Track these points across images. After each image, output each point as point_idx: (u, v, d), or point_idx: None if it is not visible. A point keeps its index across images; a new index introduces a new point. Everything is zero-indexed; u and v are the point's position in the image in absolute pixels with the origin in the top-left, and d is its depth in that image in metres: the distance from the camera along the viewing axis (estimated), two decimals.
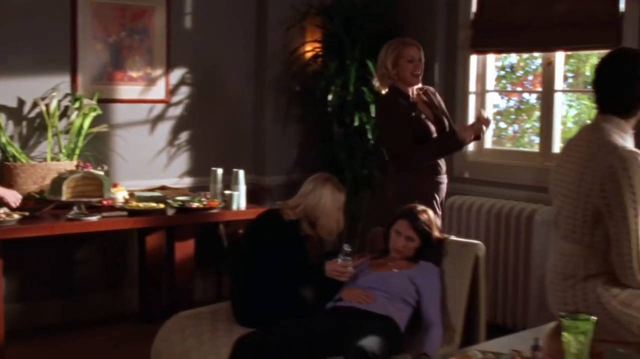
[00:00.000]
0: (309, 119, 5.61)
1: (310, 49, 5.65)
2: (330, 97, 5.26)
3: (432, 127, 4.19)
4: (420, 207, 3.69)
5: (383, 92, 4.31)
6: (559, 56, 4.91)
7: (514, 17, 5.03)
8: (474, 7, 5.27)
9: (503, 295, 4.77)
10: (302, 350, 3.21)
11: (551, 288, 2.88)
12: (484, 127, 4.14)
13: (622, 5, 4.48)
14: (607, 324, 2.69)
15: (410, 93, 4.22)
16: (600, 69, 2.82)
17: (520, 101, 5.82)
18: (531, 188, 4.84)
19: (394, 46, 4.19)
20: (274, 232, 3.59)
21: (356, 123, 5.26)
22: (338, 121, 5.38)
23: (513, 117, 6.06)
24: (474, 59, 5.31)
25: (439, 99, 4.41)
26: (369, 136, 5.27)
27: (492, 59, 5.36)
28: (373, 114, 5.20)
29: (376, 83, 4.33)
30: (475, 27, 5.24)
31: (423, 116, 4.18)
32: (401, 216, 3.63)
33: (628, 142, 2.76)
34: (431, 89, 4.43)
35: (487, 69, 5.35)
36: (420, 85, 4.28)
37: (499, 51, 5.25)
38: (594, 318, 2.19)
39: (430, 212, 3.69)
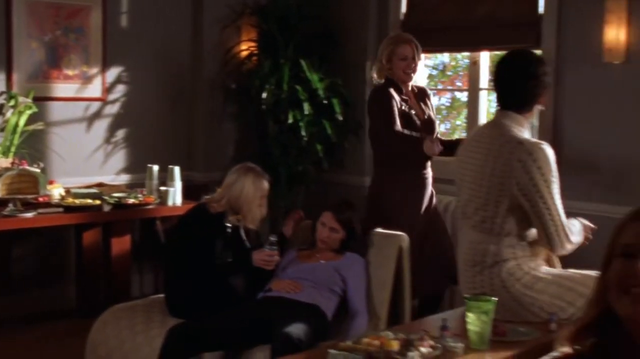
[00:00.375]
0: (244, 117, 5.73)
1: (245, 47, 5.77)
2: (264, 95, 5.38)
3: (419, 124, 4.23)
4: (346, 200, 3.84)
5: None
6: (484, 55, 5.12)
7: (441, 18, 5.23)
8: (403, 8, 5.44)
9: None
10: (231, 339, 3.35)
11: (462, 275, 3.07)
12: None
13: (540, 7, 4.71)
14: (511, 306, 2.89)
15: (404, 88, 4.27)
16: (498, 69, 3.06)
17: (452, 99, 6.04)
18: (448, 181, 5.03)
19: (389, 42, 4.28)
20: (201, 226, 3.70)
21: (290, 121, 5.39)
22: (273, 118, 5.50)
23: (445, 114, 6.29)
24: None
25: (432, 102, 4.49)
26: (303, 133, 5.40)
27: (422, 58, 5.54)
28: (307, 112, 5.35)
29: (373, 74, 4.40)
30: (404, 28, 5.41)
31: (413, 112, 4.24)
32: (326, 208, 3.78)
33: (526, 135, 2.99)
34: (428, 90, 4.49)
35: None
36: (416, 83, 4.39)
37: (427, 51, 5.40)
38: (494, 298, 2.37)
39: (355, 205, 3.85)
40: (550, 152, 2.96)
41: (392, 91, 4.21)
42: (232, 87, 5.74)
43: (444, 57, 5.88)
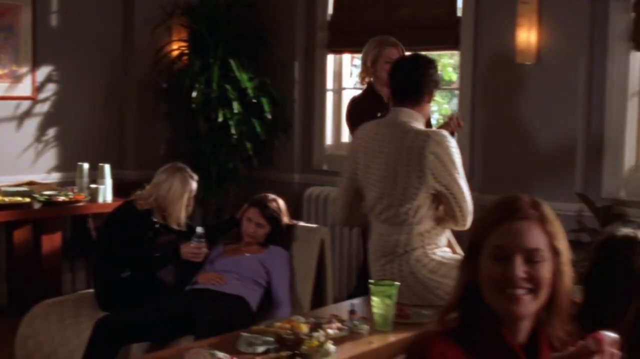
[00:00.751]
0: (175, 115, 5.82)
1: (176, 47, 5.85)
2: (194, 94, 5.48)
3: None
4: (271, 196, 3.99)
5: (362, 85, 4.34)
6: None
7: (366, 19, 5.40)
8: (330, 10, 5.61)
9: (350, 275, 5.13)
10: (158, 330, 3.46)
11: (372, 265, 3.26)
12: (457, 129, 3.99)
13: (459, 11, 4.92)
14: (419, 290, 3.08)
15: (386, 93, 4.02)
16: (395, 70, 3.34)
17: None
18: None
19: (375, 44, 4.21)
20: (129, 222, 3.81)
21: (220, 119, 5.50)
22: (203, 117, 5.61)
23: None
24: (330, 58, 5.66)
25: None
26: (233, 131, 5.52)
27: (347, 58, 5.73)
28: (236, 111, 5.47)
29: (357, 77, 4.35)
30: (331, 29, 5.59)
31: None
32: (252, 204, 3.92)
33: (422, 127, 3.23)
34: None
35: (342, 67, 5.70)
36: None
37: (353, 51, 5.62)
38: (397, 283, 2.55)
39: (280, 201, 3.99)
40: (453, 140, 3.23)
41: (366, 101, 4.15)
42: (163, 86, 5.82)
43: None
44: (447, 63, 5.74)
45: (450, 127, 3.90)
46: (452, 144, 3.19)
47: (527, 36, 4.50)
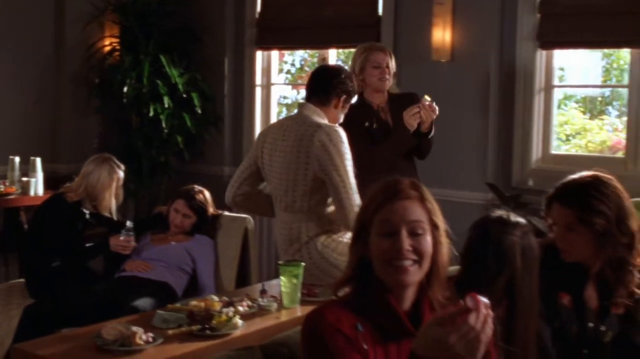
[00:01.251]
0: (107, 110, 5.93)
1: (108, 43, 5.96)
2: (125, 89, 5.60)
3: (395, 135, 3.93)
4: (197, 188, 4.17)
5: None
6: (332, 53, 5.54)
7: (293, 17, 5.60)
8: (258, 8, 5.79)
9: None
10: (85, 315, 3.59)
11: (283, 254, 3.46)
12: (429, 114, 3.83)
13: (380, 10, 5.15)
14: (332, 272, 3.30)
15: (377, 101, 4.00)
16: (312, 73, 3.63)
17: None
18: None
19: (361, 51, 4.04)
20: (58, 214, 3.94)
21: (151, 113, 5.63)
22: (135, 111, 5.74)
23: None
24: (259, 54, 5.84)
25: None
26: (164, 125, 5.66)
27: (276, 55, 5.92)
28: (167, 105, 5.61)
29: None
30: (259, 26, 5.77)
31: (375, 126, 3.93)
32: (179, 196, 4.09)
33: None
34: (416, 95, 4.02)
35: (271, 63, 5.89)
36: (396, 88, 4.15)
37: (280, 48, 5.82)
38: (303, 263, 2.76)
39: (206, 192, 4.17)
40: (343, 133, 3.41)
41: (354, 112, 3.88)
42: (95, 81, 5.92)
43: (303, 53, 6.25)
44: None
45: (420, 113, 3.77)
46: (342, 139, 3.37)
47: (442, 35, 4.75)
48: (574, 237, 2.39)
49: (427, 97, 3.82)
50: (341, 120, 3.63)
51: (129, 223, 3.98)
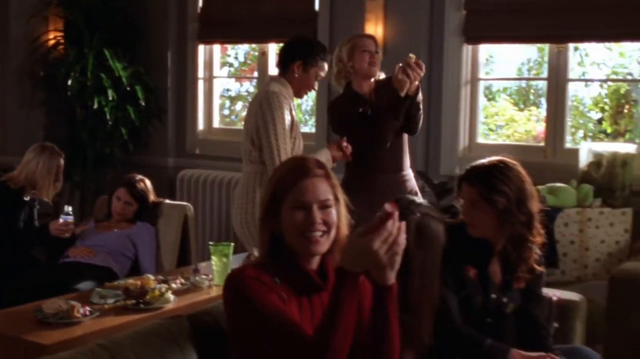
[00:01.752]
0: (52, 103, 6.03)
1: (52, 37, 6.07)
2: (70, 82, 5.72)
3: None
4: (138, 176, 4.34)
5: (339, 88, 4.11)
6: (272, 47, 5.73)
7: (233, 13, 5.77)
8: (200, 3, 5.95)
9: None
10: (29, 298, 3.75)
11: (235, 208, 3.66)
12: (417, 72, 3.66)
13: (316, 6, 5.36)
14: None
15: (365, 89, 3.94)
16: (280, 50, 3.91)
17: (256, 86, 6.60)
18: None
19: (348, 39, 4.01)
20: (1, 201, 4.09)
21: (96, 106, 5.76)
22: (79, 104, 5.86)
23: (249, 99, 6.84)
24: (201, 48, 6.01)
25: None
26: (108, 117, 5.79)
27: (217, 49, 6.09)
28: (111, 98, 5.74)
29: (333, 82, 4.09)
30: (201, 21, 5.94)
31: (369, 112, 3.85)
32: (121, 184, 4.26)
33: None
34: None
35: (213, 57, 6.06)
36: (383, 75, 4.06)
37: (222, 42, 6.00)
38: (232, 244, 2.97)
39: (147, 180, 4.35)
40: (282, 100, 3.64)
41: (344, 102, 3.97)
42: (40, 74, 6.02)
43: (246, 47, 6.42)
44: None
45: (407, 72, 3.61)
46: (278, 105, 3.61)
47: (374, 30, 4.98)
48: (478, 214, 2.64)
49: (412, 55, 3.67)
50: (314, 87, 3.85)
51: (67, 207, 4.14)
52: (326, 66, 3.87)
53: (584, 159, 4.33)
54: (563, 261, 4.07)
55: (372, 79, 3.96)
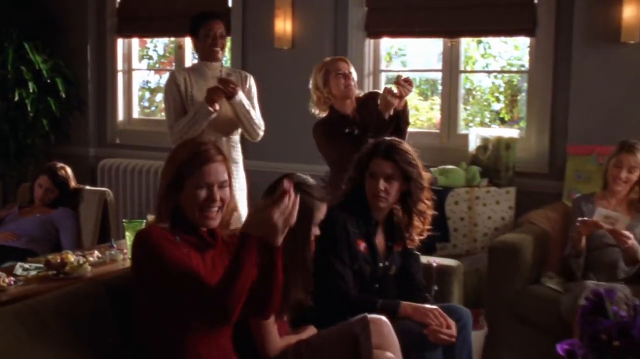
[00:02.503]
0: None
1: None
2: None
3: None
4: (59, 164, 4.57)
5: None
6: (187, 41, 6.00)
7: (151, 8, 6.02)
8: None
9: None
10: None
11: None
12: (407, 89, 3.77)
13: (230, 2, 5.66)
14: None
15: (349, 110, 4.04)
16: None
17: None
18: (168, 149, 5.89)
19: (320, 66, 4.08)
20: None
21: (16, 98, 5.93)
22: (0, 96, 6.02)
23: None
24: (120, 42, 6.24)
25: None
26: (29, 109, 5.96)
27: (136, 42, 6.33)
28: (32, 90, 5.92)
29: (315, 110, 4.17)
30: (120, 15, 6.17)
31: (356, 132, 3.93)
32: (42, 171, 4.49)
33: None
34: (378, 93, 4.10)
35: (132, 50, 6.30)
36: (360, 93, 4.19)
37: (140, 36, 6.24)
38: (145, 220, 3.26)
39: (68, 168, 4.59)
40: (170, 80, 4.18)
41: (331, 122, 4.04)
42: None
43: (165, 40, 6.66)
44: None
45: (394, 94, 3.74)
46: (166, 86, 4.19)
47: (283, 25, 5.31)
48: (391, 186, 3.00)
49: (400, 74, 3.83)
50: (213, 45, 4.23)
51: None
52: (210, 25, 4.28)
53: (473, 143, 4.75)
54: (454, 235, 4.48)
55: (353, 98, 4.05)
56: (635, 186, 3.85)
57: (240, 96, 4.02)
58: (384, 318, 2.62)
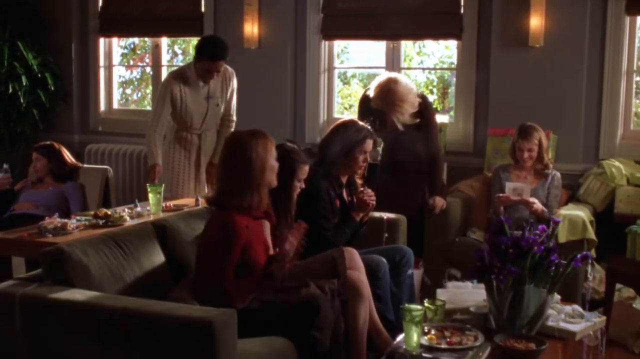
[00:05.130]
0: None
1: None
2: None
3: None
4: (57, 144, 5.38)
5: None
6: (164, 40, 6.86)
7: (131, 11, 6.85)
8: (100, 2, 6.99)
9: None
10: None
11: None
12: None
13: (202, 7, 6.54)
14: None
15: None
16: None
17: (142, 72, 7.67)
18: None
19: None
20: None
21: (10, 91, 6.69)
22: None
23: (136, 84, 7.90)
24: (102, 41, 7.06)
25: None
26: (22, 100, 6.72)
27: (115, 41, 7.15)
28: (24, 83, 6.68)
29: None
30: (101, 17, 6.98)
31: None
32: (33, 149, 5.32)
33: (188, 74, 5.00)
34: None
35: (112, 49, 7.13)
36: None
37: (120, 36, 7.07)
38: (163, 184, 4.18)
39: (57, 144, 5.38)
40: (165, 85, 4.96)
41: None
42: None
43: (134, 39, 7.48)
44: None
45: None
46: (163, 86, 4.98)
47: (251, 28, 6.22)
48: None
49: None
50: (207, 76, 5.00)
51: (5, 165, 5.19)
52: (216, 64, 4.98)
53: None
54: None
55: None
56: (538, 157, 4.88)
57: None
58: (353, 249, 3.59)
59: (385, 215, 4.29)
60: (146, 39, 7.18)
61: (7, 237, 3.88)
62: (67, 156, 5.41)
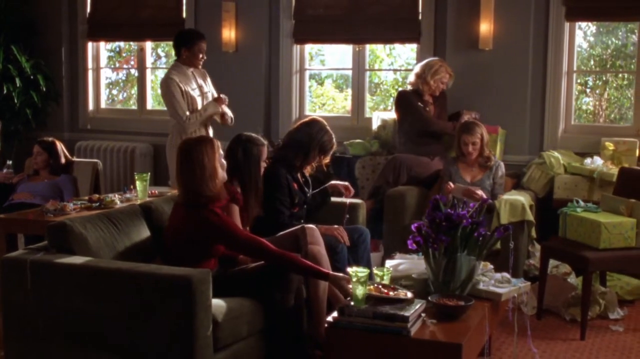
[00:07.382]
0: None
1: None
2: None
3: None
4: (50, 138, 5.89)
5: None
6: (148, 44, 7.38)
7: (117, 17, 7.37)
8: (88, 8, 7.50)
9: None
10: None
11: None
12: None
13: (184, 13, 7.06)
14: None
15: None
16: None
17: (127, 74, 8.18)
18: (130, 133, 7.31)
19: (440, 64, 5.91)
20: None
21: (5, 92, 7.18)
22: None
23: (122, 85, 8.40)
24: (90, 45, 7.57)
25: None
26: (16, 101, 7.22)
27: (103, 45, 7.66)
28: (18, 85, 7.18)
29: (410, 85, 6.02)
30: (90, 23, 7.49)
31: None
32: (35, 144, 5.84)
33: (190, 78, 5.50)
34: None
35: (100, 52, 7.64)
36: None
37: (107, 40, 7.59)
38: (149, 173, 4.71)
39: (56, 141, 5.90)
40: (171, 83, 5.42)
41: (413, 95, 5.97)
42: None
43: (120, 43, 7.99)
44: None
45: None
46: (168, 83, 5.42)
47: (229, 32, 6.74)
48: None
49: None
50: (201, 58, 5.62)
51: (9, 162, 5.69)
52: (203, 42, 5.63)
53: (375, 124, 6.32)
54: (362, 192, 6.03)
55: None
56: (480, 151, 5.39)
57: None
58: (314, 226, 4.13)
59: (348, 199, 4.83)
60: (131, 43, 7.69)
61: (15, 217, 4.51)
62: (64, 152, 5.92)
